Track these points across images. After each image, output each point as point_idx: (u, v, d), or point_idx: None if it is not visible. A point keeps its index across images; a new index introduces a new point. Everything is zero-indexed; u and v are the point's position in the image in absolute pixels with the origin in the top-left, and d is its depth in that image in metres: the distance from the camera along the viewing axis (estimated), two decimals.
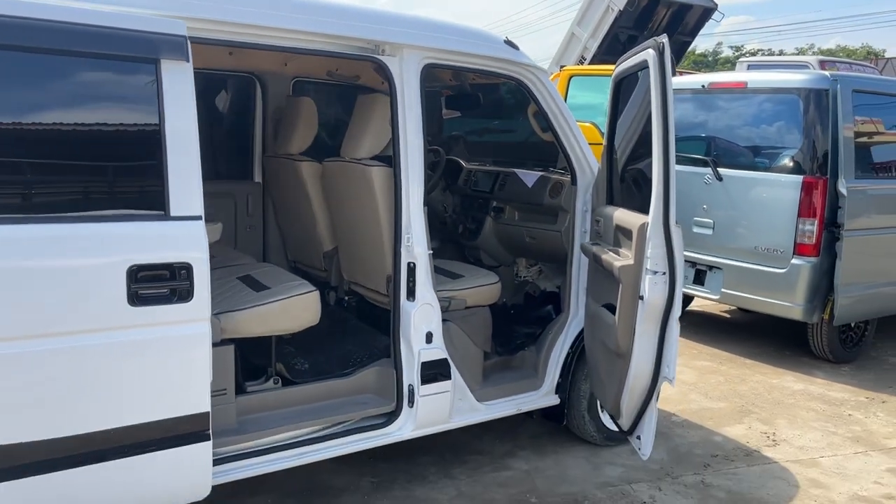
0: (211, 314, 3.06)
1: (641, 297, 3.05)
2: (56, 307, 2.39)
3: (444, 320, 3.64)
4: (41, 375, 2.39)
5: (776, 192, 5.62)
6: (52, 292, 2.38)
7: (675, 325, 3.10)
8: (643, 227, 3.04)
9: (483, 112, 5.77)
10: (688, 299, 6.98)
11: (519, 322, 4.48)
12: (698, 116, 6.39)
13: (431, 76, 4.75)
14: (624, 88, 3.65)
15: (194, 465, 2.71)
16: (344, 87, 4.79)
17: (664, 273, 3.03)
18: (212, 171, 4.83)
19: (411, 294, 3.39)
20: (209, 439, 2.73)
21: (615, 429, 4.16)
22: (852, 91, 5.51)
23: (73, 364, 2.44)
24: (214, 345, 3.06)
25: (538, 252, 4.47)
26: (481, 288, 3.93)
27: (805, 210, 5.45)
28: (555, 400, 3.99)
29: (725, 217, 5.93)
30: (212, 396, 2.98)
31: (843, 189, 5.36)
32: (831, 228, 5.41)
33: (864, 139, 5.68)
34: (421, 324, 3.41)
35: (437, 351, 3.47)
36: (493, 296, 3.99)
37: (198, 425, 2.69)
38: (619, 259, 3.18)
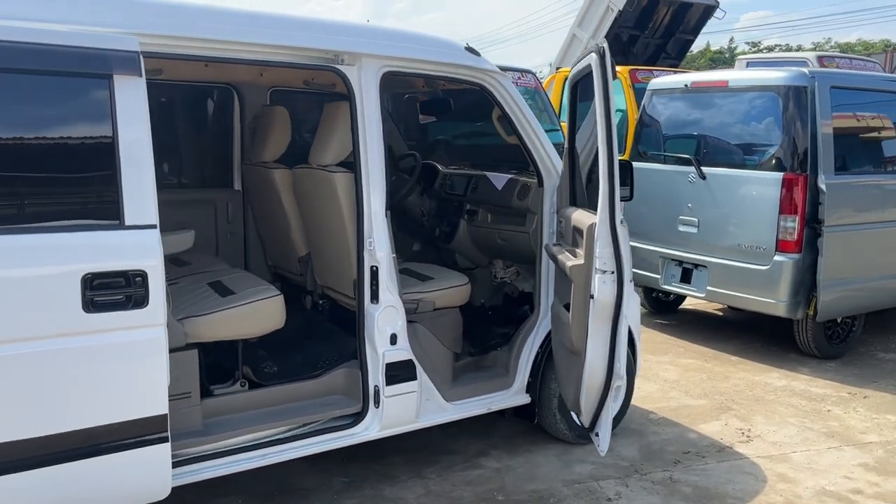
0: (174, 319, 3.19)
1: (592, 296, 3.11)
2: (14, 314, 2.50)
3: (411, 322, 3.73)
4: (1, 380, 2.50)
5: (757, 189, 5.64)
6: (11, 300, 2.48)
7: (623, 325, 3.15)
8: (592, 228, 3.10)
9: (470, 116, 5.86)
10: (681, 297, 7.02)
11: (495, 322, 4.55)
12: (681, 116, 6.42)
13: (404, 83, 4.86)
14: (580, 91, 3.70)
15: (153, 467, 2.80)
16: (322, 96, 4.88)
17: (612, 272, 3.08)
18: (194, 179, 4.98)
19: (375, 297, 3.47)
20: (167, 441, 2.82)
21: None
22: (830, 87, 5.52)
23: (32, 369, 2.54)
24: (178, 349, 3.18)
25: (509, 254, 4.54)
26: (450, 290, 4.00)
27: (786, 207, 5.46)
28: (525, 399, 4.04)
29: (710, 215, 5.96)
30: (175, 399, 3.09)
31: (822, 185, 5.37)
32: (812, 225, 5.42)
33: (844, 135, 5.68)
34: (385, 326, 3.49)
35: (402, 352, 3.54)
36: (462, 297, 4.06)
37: (155, 428, 2.78)
38: (572, 259, 3.24)
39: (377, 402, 3.51)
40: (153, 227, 2.76)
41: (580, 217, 3.36)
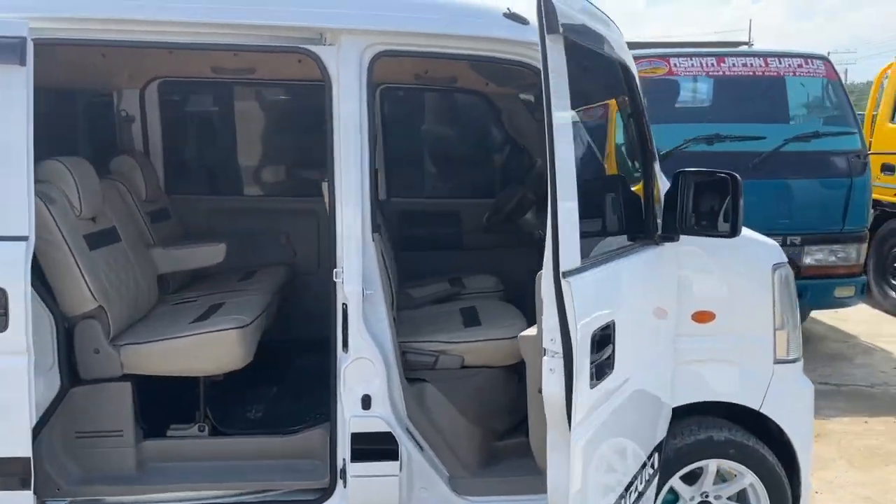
0: (108, 346, 2.83)
1: (540, 391, 1.90)
2: None
3: (419, 380, 2.87)
4: None
5: None
6: None
7: (578, 446, 1.84)
8: (538, 280, 1.90)
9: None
10: None
11: None
12: None
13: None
14: None
15: None
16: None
17: (560, 355, 1.83)
18: (291, 187, 4.67)
19: (345, 344, 2.68)
20: (28, 488, 2.43)
21: None
22: None
23: None
24: (113, 380, 2.81)
25: None
26: (487, 343, 2.98)
27: None
28: None
29: None
30: (99, 436, 2.74)
31: None
32: None
33: None
34: (354, 383, 2.68)
35: (376, 421, 2.68)
36: (505, 356, 2.99)
37: (9, 471, 2.41)
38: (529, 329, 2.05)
39: (345, 481, 2.72)
40: (21, 238, 2.40)
41: None
